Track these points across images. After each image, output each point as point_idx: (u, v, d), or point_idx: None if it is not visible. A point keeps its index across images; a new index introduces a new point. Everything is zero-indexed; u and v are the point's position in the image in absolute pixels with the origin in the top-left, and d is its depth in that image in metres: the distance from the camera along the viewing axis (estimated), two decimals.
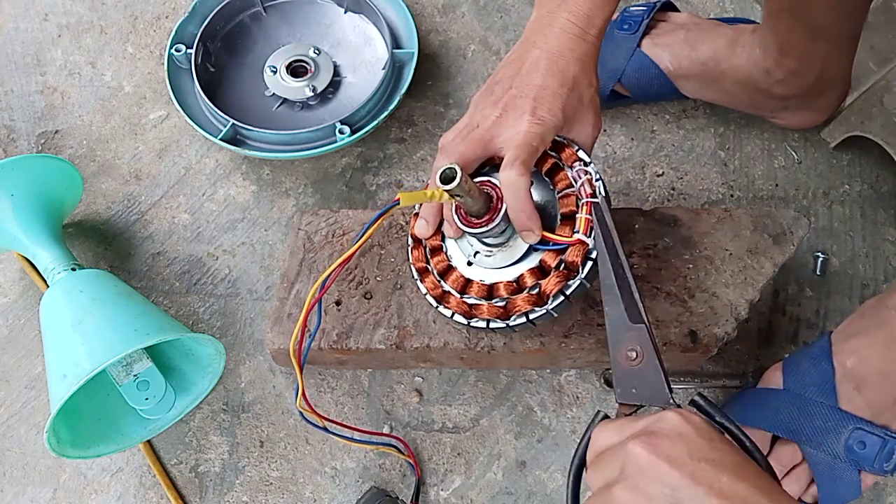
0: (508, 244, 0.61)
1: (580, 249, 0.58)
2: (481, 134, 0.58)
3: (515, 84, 0.58)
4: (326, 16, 0.96)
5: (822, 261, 0.82)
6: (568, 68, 0.58)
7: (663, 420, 0.43)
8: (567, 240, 0.58)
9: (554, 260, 0.59)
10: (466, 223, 0.59)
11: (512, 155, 0.56)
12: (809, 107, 0.83)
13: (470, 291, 0.62)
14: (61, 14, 0.99)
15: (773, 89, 0.81)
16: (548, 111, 0.57)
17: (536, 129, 0.57)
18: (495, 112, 0.58)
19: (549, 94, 0.57)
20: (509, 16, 0.98)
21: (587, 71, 0.59)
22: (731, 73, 0.81)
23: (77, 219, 0.86)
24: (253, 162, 0.89)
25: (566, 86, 0.58)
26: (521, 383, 0.77)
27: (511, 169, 0.56)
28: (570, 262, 0.58)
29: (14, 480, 0.74)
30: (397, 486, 0.73)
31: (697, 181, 0.88)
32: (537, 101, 0.57)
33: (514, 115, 0.57)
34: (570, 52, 0.58)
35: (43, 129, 0.92)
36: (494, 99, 0.59)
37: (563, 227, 0.59)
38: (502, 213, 0.58)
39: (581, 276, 0.58)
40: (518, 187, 0.56)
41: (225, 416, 0.77)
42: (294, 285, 0.73)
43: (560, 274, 0.58)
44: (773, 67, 0.78)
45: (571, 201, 0.59)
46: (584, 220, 0.58)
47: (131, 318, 0.68)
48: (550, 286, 0.58)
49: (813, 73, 0.78)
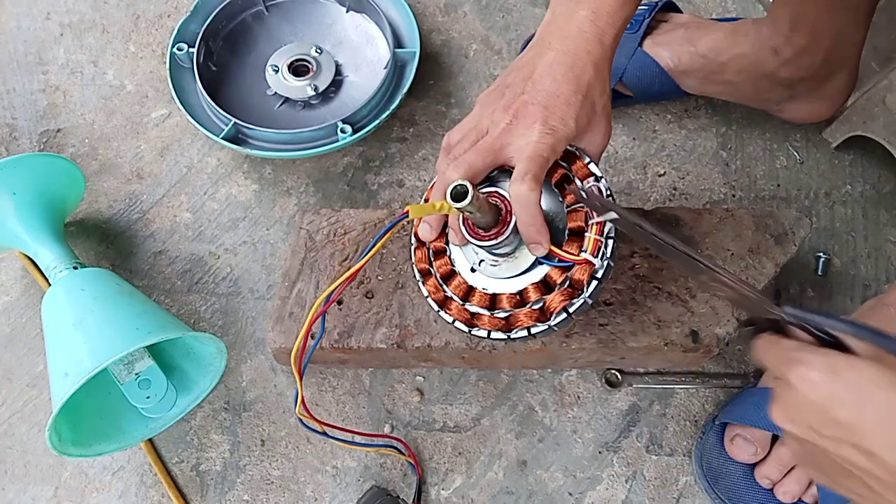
0: (514, 255, 0.60)
1: (586, 269, 0.57)
2: (490, 143, 0.57)
3: (527, 89, 0.56)
4: (328, 15, 0.96)
5: (823, 261, 0.82)
6: (583, 73, 0.56)
7: None
8: (575, 258, 0.57)
9: (560, 276, 0.58)
10: (473, 234, 0.58)
11: (523, 168, 0.54)
12: (816, 95, 0.82)
13: (472, 299, 0.61)
14: (63, 13, 1.00)
15: (779, 72, 0.79)
16: (560, 121, 0.55)
17: (548, 139, 0.55)
18: (505, 118, 0.56)
19: (562, 103, 0.55)
20: (511, 15, 0.98)
21: (601, 77, 0.57)
22: (734, 63, 0.80)
23: (79, 217, 0.86)
24: (255, 161, 0.89)
25: (580, 93, 0.56)
26: (522, 383, 0.77)
27: (522, 184, 0.54)
28: (576, 279, 0.57)
29: (15, 479, 0.75)
30: (398, 485, 0.74)
31: (699, 181, 0.87)
32: (549, 109, 0.55)
33: (524, 122, 0.56)
34: (586, 54, 0.56)
35: (45, 128, 0.92)
36: (505, 104, 0.57)
37: (571, 242, 0.58)
38: (511, 226, 0.57)
39: (585, 295, 0.57)
40: (529, 201, 0.54)
41: (226, 415, 0.77)
42: (295, 284, 0.73)
43: (565, 291, 0.58)
44: (781, 45, 0.77)
45: (580, 216, 0.58)
46: (592, 240, 0.57)
47: (133, 317, 0.68)
48: (555, 303, 0.58)
49: (822, 50, 0.76)
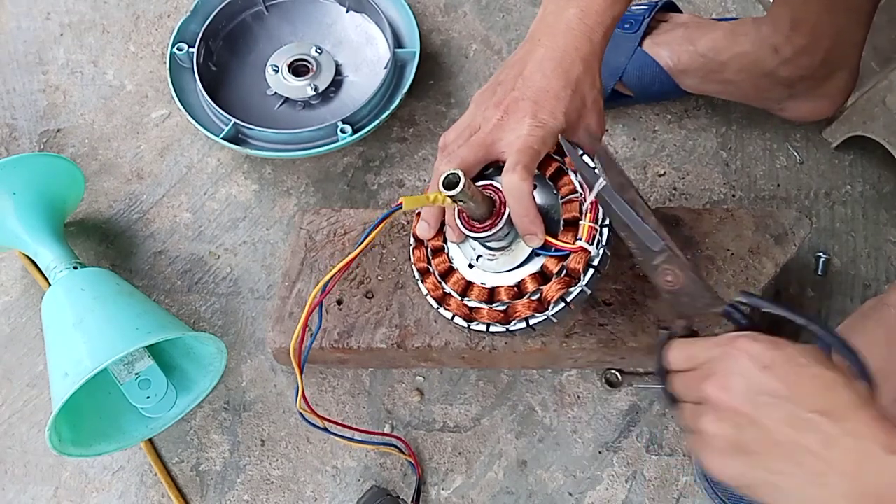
0: (511, 248, 0.61)
1: (582, 257, 0.57)
2: (483, 137, 0.58)
3: (517, 85, 0.58)
4: (328, 15, 0.96)
5: (823, 261, 0.82)
6: (572, 69, 0.57)
7: None
8: (570, 246, 0.58)
9: (556, 266, 0.59)
10: (469, 227, 0.59)
11: (514, 159, 0.56)
12: (817, 94, 0.82)
13: (471, 294, 0.62)
14: (63, 13, 0.99)
15: (779, 71, 0.79)
16: (549, 114, 0.57)
17: (537, 132, 0.56)
18: (496, 114, 0.58)
19: (552, 97, 0.57)
20: (511, 15, 0.98)
21: (591, 72, 0.59)
22: (734, 61, 0.80)
23: (79, 217, 0.86)
24: (255, 161, 0.89)
25: (569, 87, 0.57)
26: (522, 383, 0.77)
27: (513, 173, 0.55)
28: (572, 268, 0.58)
29: (15, 479, 0.74)
30: (398, 485, 0.74)
31: (699, 181, 0.87)
32: (539, 103, 0.57)
33: (514, 117, 0.57)
34: (575, 51, 0.58)
35: (45, 128, 0.92)
36: (496, 100, 0.59)
37: (566, 232, 0.59)
38: (505, 217, 0.58)
39: (582, 284, 0.58)
40: (521, 192, 0.56)
41: (226, 415, 0.77)
42: (295, 284, 0.73)
43: (561, 280, 0.58)
44: (782, 44, 0.77)
45: (575, 207, 0.59)
46: (587, 227, 0.57)
47: (133, 317, 0.68)
48: (552, 292, 0.58)
49: (822, 50, 0.76)
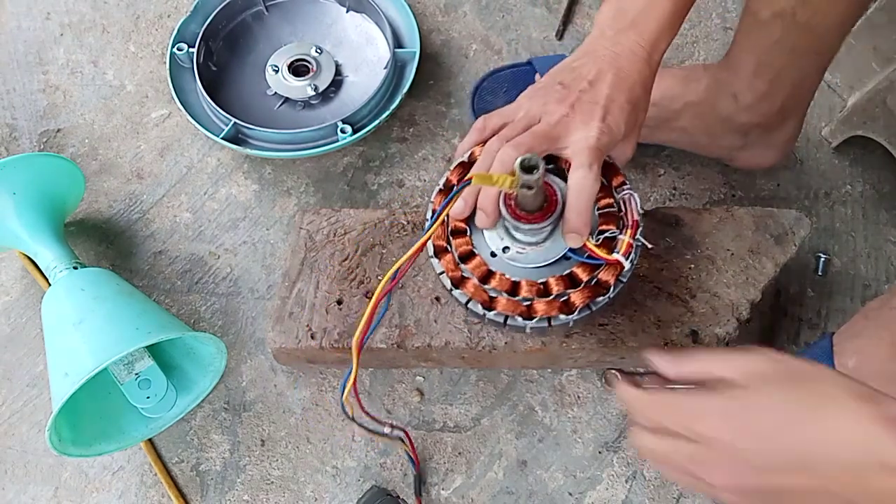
0: (544, 244, 0.60)
1: (616, 269, 0.58)
2: (547, 130, 0.58)
3: (584, 87, 0.59)
4: (328, 15, 0.96)
5: (823, 261, 0.82)
6: (633, 88, 0.59)
7: None
8: (607, 257, 0.58)
9: (585, 273, 0.59)
10: (515, 216, 0.58)
11: (586, 158, 0.56)
12: (768, 142, 0.80)
13: (491, 283, 0.60)
14: (63, 13, 1.00)
15: (737, 117, 0.77)
16: (615, 122, 0.58)
17: (605, 137, 0.57)
18: (562, 110, 0.58)
19: (617, 107, 0.58)
20: (511, 15, 0.98)
21: (646, 96, 0.61)
22: (689, 109, 0.79)
23: (79, 217, 0.86)
24: (255, 161, 0.89)
25: (631, 103, 0.59)
26: (522, 383, 0.77)
27: (588, 171, 0.56)
28: (604, 280, 0.58)
29: (15, 478, 0.74)
30: (398, 485, 0.73)
31: (699, 181, 0.87)
32: (607, 109, 0.58)
33: (582, 117, 0.57)
34: (637, 74, 0.59)
35: (45, 128, 0.92)
36: (561, 97, 0.59)
37: (599, 245, 0.59)
38: (556, 214, 0.58)
39: (610, 294, 0.58)
40: (590, 191, 0.56)
41: (226, 415, 0.77)
42: (295, 284, 0.73)
43: (590, 288, 0.58)
44: (743, 90, 0.75)
45: (611, 220, 0.59)
46: (626, 242, 0.58)
47: (133, 317, 0.68)
48: (580, 299, 0.58)
49: (782, 96, 0.75)
